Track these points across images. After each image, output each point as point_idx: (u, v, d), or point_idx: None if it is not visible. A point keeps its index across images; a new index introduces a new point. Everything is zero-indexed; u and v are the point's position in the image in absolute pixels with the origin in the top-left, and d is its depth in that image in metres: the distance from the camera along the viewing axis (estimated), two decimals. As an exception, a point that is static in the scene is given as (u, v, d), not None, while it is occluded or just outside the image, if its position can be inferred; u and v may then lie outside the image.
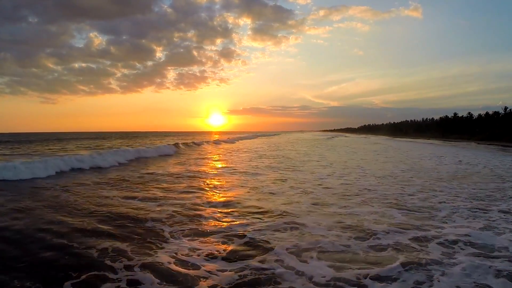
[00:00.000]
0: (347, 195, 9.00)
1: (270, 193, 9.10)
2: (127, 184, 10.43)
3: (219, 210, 7.21)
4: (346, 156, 22.88)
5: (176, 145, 29.58)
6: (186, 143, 33.74)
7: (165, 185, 10.36)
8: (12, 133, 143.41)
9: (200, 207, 7.43)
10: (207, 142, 40.42)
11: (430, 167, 16.67)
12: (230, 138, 56.96)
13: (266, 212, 7.00)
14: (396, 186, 10.65)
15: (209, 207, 7.48)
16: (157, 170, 14.20)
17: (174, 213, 6.84)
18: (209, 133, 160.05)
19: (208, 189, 9.80)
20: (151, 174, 12.72)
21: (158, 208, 7.33)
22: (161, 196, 8.65)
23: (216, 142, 41.88)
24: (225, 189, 9.87)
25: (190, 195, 8.71)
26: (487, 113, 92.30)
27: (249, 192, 9.31)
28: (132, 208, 7.37)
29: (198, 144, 35.27)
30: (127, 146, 34.09)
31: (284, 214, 6.81)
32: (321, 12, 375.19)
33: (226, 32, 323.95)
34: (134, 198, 8.47)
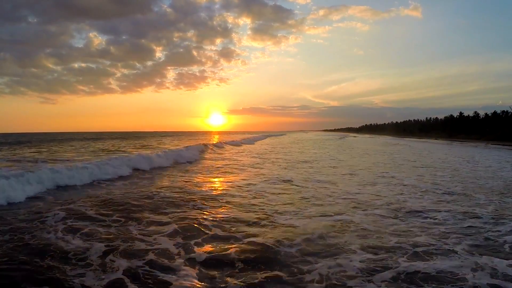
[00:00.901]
0: (405, 228, 5.96)
1: (291, 225, 5.97)
2: (89, 211, 7.38)
3: (201, 270, 4.09)
4: (365, 160, 19.80)
5: (196, 148, 23.80)
6: (207, 145, 29.12)
7: (144, 213, 7.29)
8: (11, 134, 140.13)
9: (170, 265, 4.26)
10: (227, 143, 36.41)
11: (472, 174, 13.65)
12: (248, 138, 52.56)
13: (291, 278, 3.94)
14: (456, 207, 7.63)
15: (187, 263, 4.30)
16: (160, 187, 9.82)
17: (122, 279, 3.79)
18: (209, 133, 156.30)
19: (202, 219, 6.75)
20: (145, 194, 9.08)
21: (103, 260, 4.31)
22: (123, 232, 5.63)
23: (236, 144, 37.97)
24: (223, 218, 6.85)
25: (166, 236, 5.49)
26: (494, 112, 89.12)
27: (261, 224, 6.27)
28: (62, 258, 4.37)
29: (219, 147, 31.09)
30: (120, 146, 31.02)
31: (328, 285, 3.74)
32: (321, 12, 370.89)
33: (225, 32, 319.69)
34: (75, 236, 5.41)
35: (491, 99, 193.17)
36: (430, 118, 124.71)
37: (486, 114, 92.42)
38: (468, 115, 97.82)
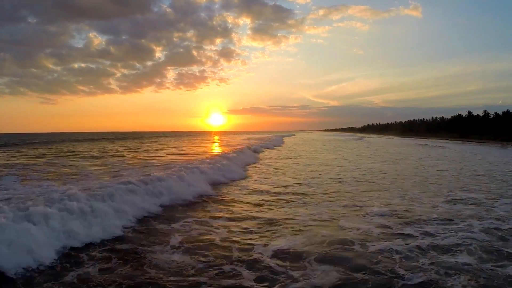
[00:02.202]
0: None
1: None
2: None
3: None
4: (411, 171, 16.14)
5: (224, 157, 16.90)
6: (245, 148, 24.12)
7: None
8: (10, 134, 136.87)
9: None
10: (263, 146, 32.40)
11: None
12: (271, 139, 48.19)
13: None
14: None
15: None
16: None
17: None
18: (209, 133, 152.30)
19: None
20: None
21: None
22: None
23: (268, 146, 34.07)
24: None
25: None
26: (507, 111, 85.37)
27: None
28: None
29: (256, 151, 26.21)
30: (105, 151, 27.31)
31: None
32: (321, 12, 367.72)
33: (225, 31, 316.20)
34: None
35: (491, 98, 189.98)
36: (436, 117, 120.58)
37: (496, 113, 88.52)
38: (478, 114, 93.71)
